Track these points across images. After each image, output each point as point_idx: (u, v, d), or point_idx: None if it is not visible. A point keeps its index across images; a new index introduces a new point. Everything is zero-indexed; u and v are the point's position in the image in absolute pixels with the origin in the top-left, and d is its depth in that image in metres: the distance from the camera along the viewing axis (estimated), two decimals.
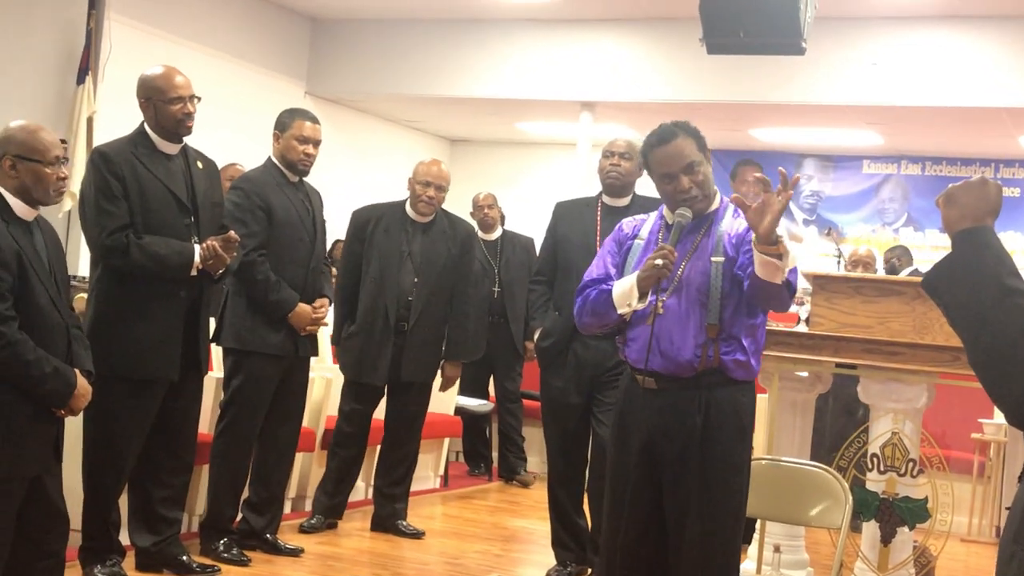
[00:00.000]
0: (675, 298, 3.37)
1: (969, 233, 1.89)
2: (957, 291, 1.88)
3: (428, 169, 5.77)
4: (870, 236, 12.24)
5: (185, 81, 4.50)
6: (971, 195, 1.93)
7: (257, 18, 10.75)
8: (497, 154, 13.80)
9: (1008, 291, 1.83)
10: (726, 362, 3.36)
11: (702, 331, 3.34)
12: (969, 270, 1.87)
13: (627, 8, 9.96)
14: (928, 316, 4.52)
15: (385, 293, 5.65)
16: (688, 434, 3.35)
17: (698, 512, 3.34)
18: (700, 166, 3.41)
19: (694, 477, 3.34)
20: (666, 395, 3.38)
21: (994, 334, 1.82)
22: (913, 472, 4.61)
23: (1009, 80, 9.27)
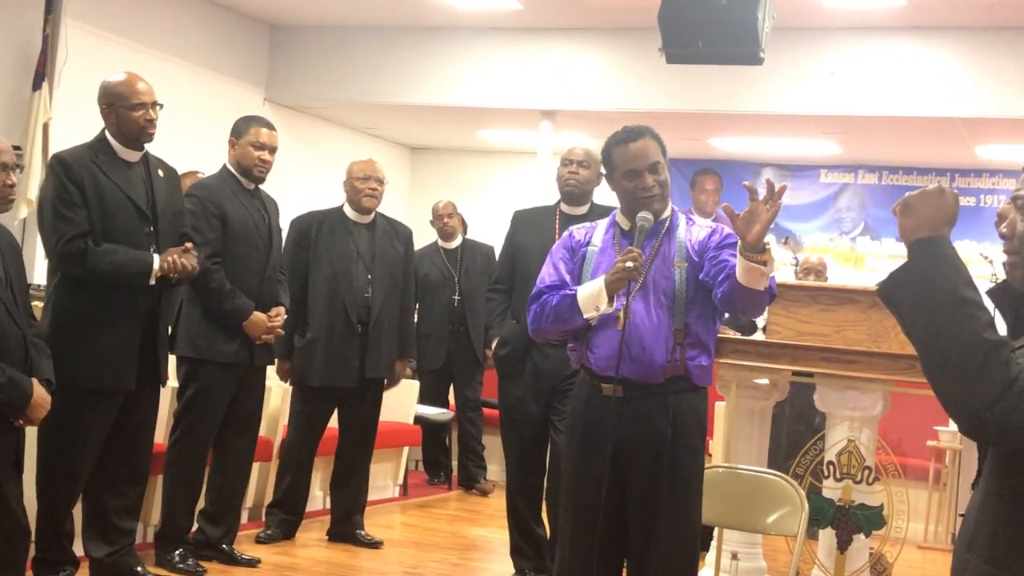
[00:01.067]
0: (640, 304, 3.37)
1: (925, 242, 1.90)
2: (912, 300, 1.89)
3: (363, 165, 5.84)
4: (827, 245, 12.33)
5: (148, 88, 4.47)
6: (928, 204, 1.94)
7: (215, 24, 10.69)
8: (457, 162, 13.78)
9: (963, 301, 1.84)
10: (691, 368, 3.38)
11: (671, 336, 3.35)
12: (925, 280, 1.88)
13: (588, 17, 9.99)
14: (884, 324, 4.56)
15: (342, 293, 5.64)
16: (661, 442, 3.35)
17: (666, 521, 3.34)
18: (663, 168, 3.45)
19: (662, 487, 3.34)
20: (634, 403, 3.37)
21: (948, 344, 1.83)
22: (869, 479, 4.64)
23: (966, 91, 9.37)
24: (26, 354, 3.67)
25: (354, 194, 5.79)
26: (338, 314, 5.65)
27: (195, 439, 5.00)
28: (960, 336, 1.82)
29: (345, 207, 5.84)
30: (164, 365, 4.60)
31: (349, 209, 5.82)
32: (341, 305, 5.66)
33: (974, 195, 12.04)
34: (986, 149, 10.94)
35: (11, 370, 3.49)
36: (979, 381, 1.79)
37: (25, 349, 3.66)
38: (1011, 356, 1.81)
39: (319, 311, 5.65)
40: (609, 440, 3.35)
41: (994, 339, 1.81)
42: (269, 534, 5.72)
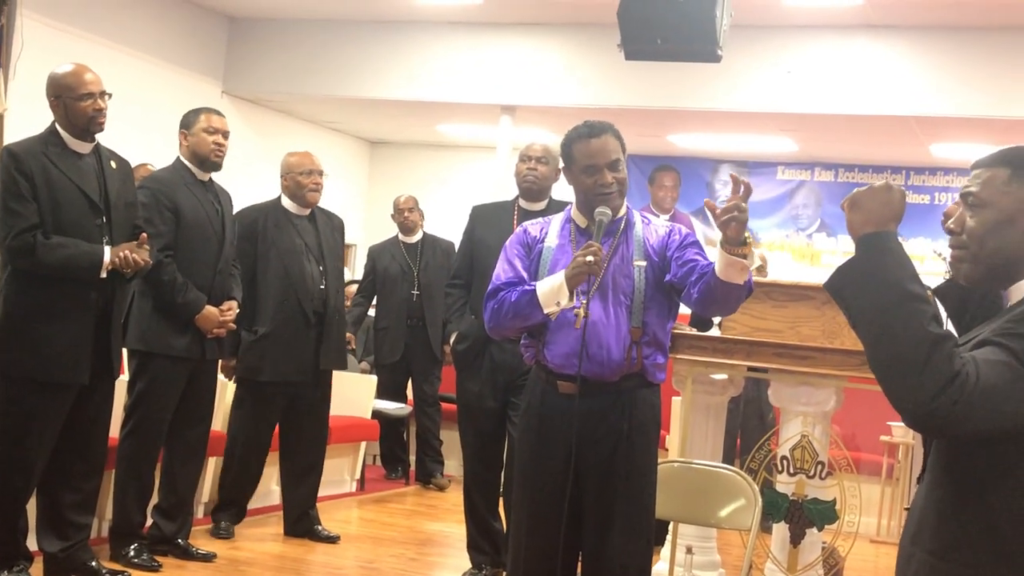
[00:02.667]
0: (598, 303, 3.38)
1: (872, 237, 1.94)
2: (859, 295, 1.92)
3: (303, 159, 5.85)
4: (784, 241, 12.43)
5: (95, 78, 4.43)
6: (875, 200, 1.97)
7: (173, 16, 10.61)
8: (417, 156, 13.77)
9: (908, 296, 1.87)
10: (647, 366, 3.40)
11: (628, 335, 3.37)
12: (871, 274, 1.91)
13: (547, 13, 10.00)
14: (837, 320, 4.60)
15: (295, 286, 5.63)
16: (615, 440, 3.37)
17: (621, 516, 3.36)
18: (622, 166, 3.45)
19: (618, 482, 3.37)
20: (590, 401, 3.37)
21: (894, 338, 1.86)
22: (822, 474, 4.69)
23: (921, 89, 9.47)
24: None
25: (297, 188, 5.79)
26: (291, 308, 5.65)
27: (146, 433, 4.97)
28: (905, 330, 1.85)
29: (284, 200, 5.83)
30: (118, 358, 4.57)
31: (289, 203, 5.83)
32: (295, 299, 5.65)
33: (928, 193, 12.17)
34: (940, 148, 11.07)
35: None
36: (923, 374, 1.83)
37: None
38: (954, 350, 1.85)
39: (271, 306, 5.63)
40: (563, 437, 3.37)
41: (938, 333, 1.85)
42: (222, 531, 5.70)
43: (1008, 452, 1.91)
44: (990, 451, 1.92)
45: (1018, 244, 2.00)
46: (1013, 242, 2.00)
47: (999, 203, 2.01)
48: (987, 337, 1.93)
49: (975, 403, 1.82)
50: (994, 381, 1.84)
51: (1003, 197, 2.01)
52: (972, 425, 1.84)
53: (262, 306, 5.63)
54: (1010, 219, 2.00)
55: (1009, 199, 2.00)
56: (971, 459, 1.95)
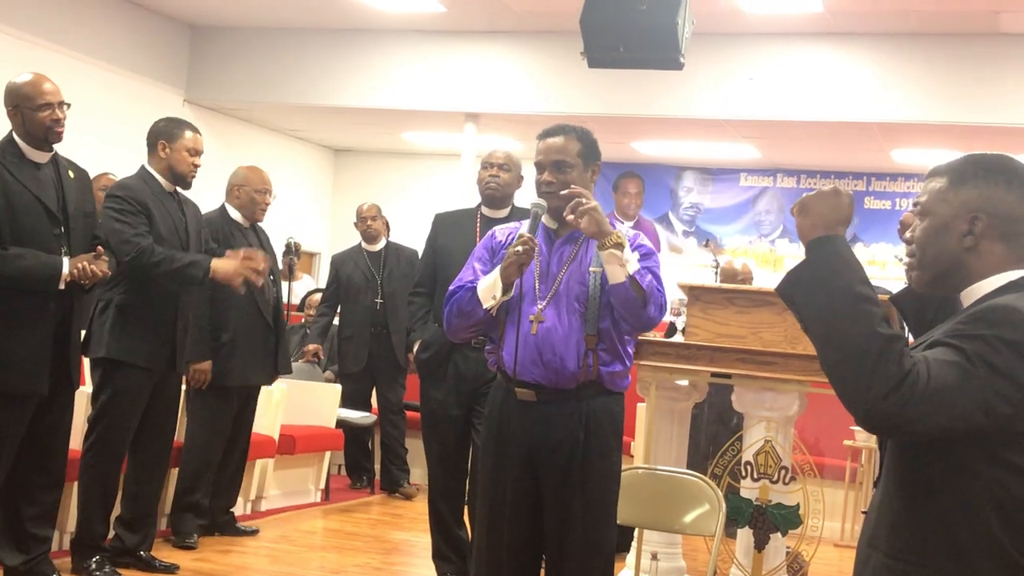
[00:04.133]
0: (553, 308, 3.38)
1: (821, 242, 1.97)
2: (810, 298, 1.96)
3: (260, 177, 5.97)
4: (747, 247, 12.50)
5: (54, 88, 4.40)
6: (824, 205, 2.01)
7: (134, 24, 10.55)
8: (381, 164, 13.75)
9: (858, 297, 1.90)
10: (603, 374, 3.40)
11: (582, 342, 3.36)
12: (821, 278, 1.95)
13: (511, 21, 10.02)
14: (798, 326, 4.62)
15: (255, 293, 5.66)
16: (572, 446, 3.37)
17: (581, 523, 3.37)
18: (571, 169, 3.42)
19: (576, 489, 3.37)
20: (546, 408, 3.38)
21: (844, 338, 1.89)
22: (785, 479, 4.71)
23: (881, 96, 9.55)
24: None
25: (251, 204, 5.93)
26: (252, 314, 5.79)
27: (110, 444, 4.92)
28: (855, 330, 1.88)
29: (231, 211, 5.93)
30: (76, 369, 4.53)
31: (236, 214, 5.92)
32: (254, 305, 5.77)
33: (890, 198, 12.27)
34: (901, 153, 11.16)
35: None
36: (874, 373, 1.86)
37: None
38: (904, 350, 1.88)
39: (234, 312, 5.72)
40: (521, 443, 3.39)
41: (887, 333, 1.88)
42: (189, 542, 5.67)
43: (959, 452, 1.93)
44: (942, 451, 1.94)
45: (955, 250, 2.05)
46: (950, 248, 2.05)
47: (938, 211, 2.07)
48: (938, 338, 1.96)
49: (926, 402, 1.85)
50: (945, 381, 1.87)
51: (941, 205, 2.07)
52: (923, 425, 1.87)
53: (227, 312, 5.70)
54: (946, 226, 2.06)
55: (946, 206, 2.06)
56: (924, 460, 1.98)
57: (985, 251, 2.04)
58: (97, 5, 10.10)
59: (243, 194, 5.90)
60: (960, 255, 2.05)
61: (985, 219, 2.03)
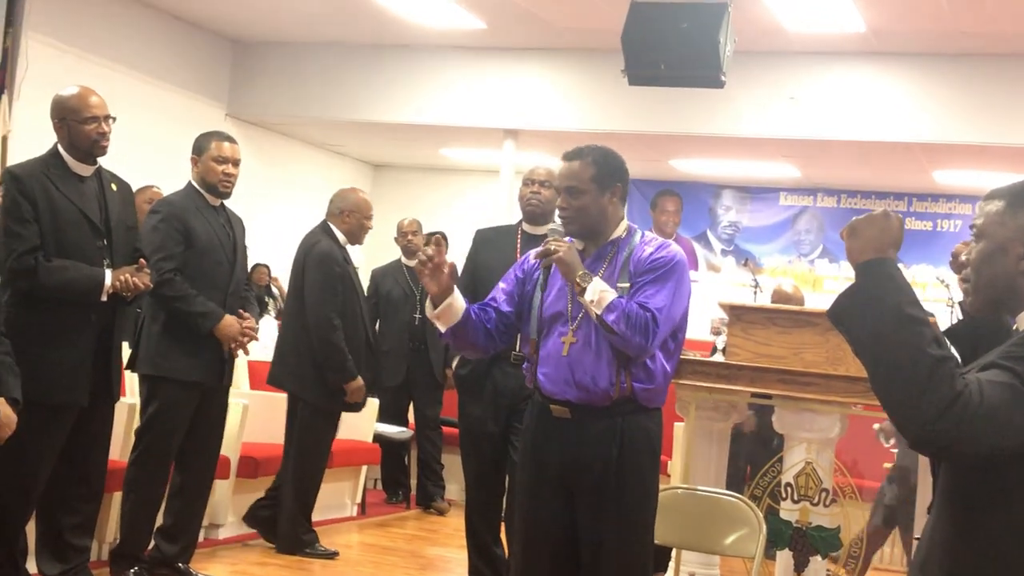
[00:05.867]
0: (584, 328, 3.38)
1: (871, 264, 1.97)
2: (860, 321, 1.95)
3: (369, 204, 5.98)
4: (786, 267, 12.43)
5: (100, 101, 4.43)
6: (874, 228, 2.01)
7: (178, 39, 10.65)
8: (420, 180, 13.80)
9: (908, 319, 1.90)
10: (637, 390, 3.38)
11: (613, 360, 3.35)
12: (871, 299, 1.94)
13: (551, 38, 10.04)
14: (842, 347, 4.59)
15: (361, 316, 5.94)
16: (605, 464, 3.36)
17: (615, 541, 3.35)
18: (582, 195, 3.42)
19: (611, 506, 3.35)
20: (581, 425, 3.38)
21: (895, 360, 1.89)
22: (826, 501, 4.67)
23: (923, 116, 9.49)
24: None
25: (358, 230, 6.10)
26: (363, 337, 6.08)
27: (155, 457, 4.94)
28: (905, 351, 1.87)
29: (338, 234, 6.07)
30: (117, 381, 4.55)
31: (341, 236, 6.07)
32: (364, 328, 6.11)
33: (931, 219, 12.18)
34: (943, 174, 11.08)
35: None
36: (925, 395, 1.84)
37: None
38: (955, 370, 1.87)
39: (356, 340, 6.00)
40: (556, 460, 3.39)
41: (939, 354, 1.87)
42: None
43: (1010, 474, 1.92)
44: (993, 475, 1.94)
45: (1011, 272, 2.05)
46: (1006, 271, 2.05)
47: (994, 234, 2.06)
48: (991, 360, 1.95)
49: (978, 424, 1.84)
50: (997, 402, 1.86)
51: (998, 228, 2.06)
52: (975, 445, 1.86)
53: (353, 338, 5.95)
54: (1002, 248, 2.05)
55: (1002, 229, 2.06)
56: (975, 484, 1.97)
57: None
58: (142, 20, 10.21)
59: (353, 220, 6.05)
60: (1016, 278, 2.04)
61: None
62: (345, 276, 5.94)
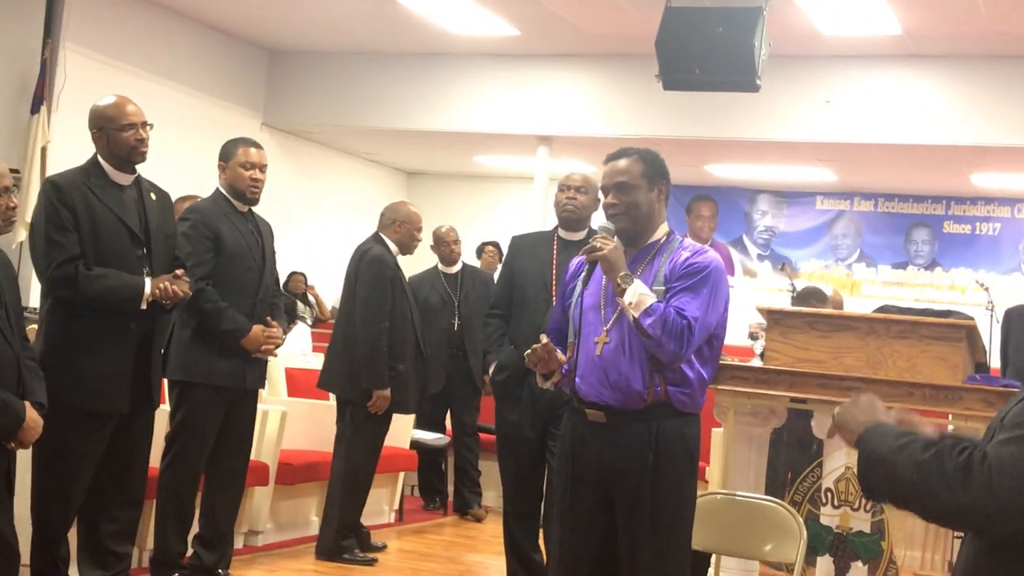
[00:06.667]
0: (618, 330, 3.37)
1: (864, 437, 2.04)
2: (879, 480, 2.01)
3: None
4: (823, 272, 12.35)
5: (137, 109, 4.47)
6: (853, 414, 2.10)
7: (213, 49, 10.72)
8: (454, 187, 13.82)
9: (897, 449, 1.96)
10: (672, 394, 3.36)
11: (646, 363, 3.34)
12: (876, 461, 2.00)
13: (584, 44, 10.03)
14: (881, 351, 4.56)
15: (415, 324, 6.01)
16: (641, 469, 3.35)
17: (651, 546, 3.34)
18: (634, 190, 3.44)
19: (647, 511, 3.34)
20: (617, 430, 3.37)
21: (908, 481, 1.93)
22: (867, 507, 4.63)
23: (960, 119, 9.41)
24: (19, 376, 3.66)
25: (409, 240, 6.14)
26: (415, 345, 6.14)
27: (187, 463, 4.96)
28: (908, 470, 1.93)
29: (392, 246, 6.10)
30: (157, 388, 4.58)
31: (393, 246, 6.12)
32: (415, 336, 6.15)
33: (969, 223, 12.07)
34: (981, 177, 10.98)
35: (4, 393, 3.48)
36: (942, 483, 1.88)
37: (18, 371, 3.65)
38: (957, 445, 1.90)
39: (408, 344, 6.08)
40: (593, 465, 3.38)
41: (928, 455, 1.91)
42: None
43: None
44: None
45: None
46: None
47: None
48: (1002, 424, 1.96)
49: (1006, 480, 1.85)
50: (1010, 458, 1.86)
51: None
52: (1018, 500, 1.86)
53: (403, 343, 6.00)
54: None
55: None
56: None
57: None
58: (178, 31, 10.28)
59: (404, 231, 6.10)
60: None
61: None
62: (396, 282, 6.01)
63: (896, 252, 12.33)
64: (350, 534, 6.01)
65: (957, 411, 4.44)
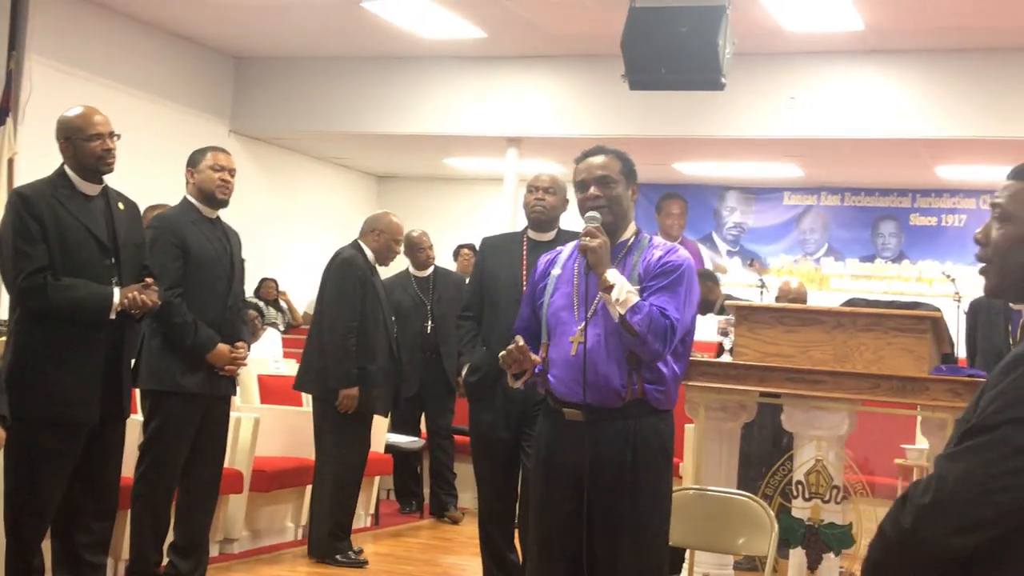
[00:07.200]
0: (594, 328, 3.39)
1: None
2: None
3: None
4: (792, 267, 12.44)
5: (104, 119, 4.47)
6: None
7: (179, 57, 10.70)
8: (425, 190, 13.83)
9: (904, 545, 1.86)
10: (648, 391, 3.39)
11: (624, 361, 3.37)
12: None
13: (552, 46, 10.07)
14: (848, 345, 4.61)
15: (388, 328, 6.02)
16: (620, 465, 3.37)
17: (631, 543, 3.37)
18: (615, 184, 3.47)
19: (627, 507, 3.37)
20: (594, 428, 3.38)
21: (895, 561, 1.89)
22: (837, 498, 4.67)
23: (925, 113, 9.50)
24: None
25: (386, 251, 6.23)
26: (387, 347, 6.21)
27: (161, 472, 4.96)
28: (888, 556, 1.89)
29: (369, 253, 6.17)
30: (128, 398, 4.57)
31: (370, 255, 6.18)
32: (388, 339, 6.21)
33: (935, 215, 12.19)
34: (946, 169, 11.09)
35: None
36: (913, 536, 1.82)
37: None
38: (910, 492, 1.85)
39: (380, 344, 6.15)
40: (570, 464, 3.39)
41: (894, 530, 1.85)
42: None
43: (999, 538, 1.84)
44: None
45: None
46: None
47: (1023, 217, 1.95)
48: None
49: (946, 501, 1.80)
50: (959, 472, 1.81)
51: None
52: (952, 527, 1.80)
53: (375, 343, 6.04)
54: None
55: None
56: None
57: None
58: (144, 40, 10.25)
59: (382, 240, 6.17)
60: None
61: None
62: (368, 284, 6.05)
63: (863, 245, 12.44)
64: (343, 534, 6.02)
65: (924, 402, 4.49)
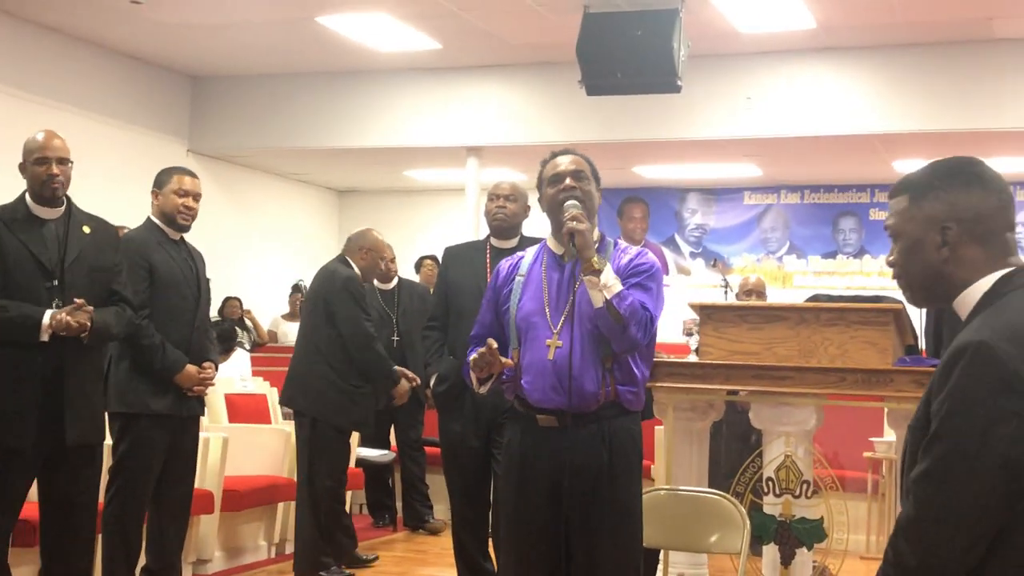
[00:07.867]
0: (568, 333, 3.39)
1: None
2: None
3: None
4: (755, 266, 12.51)
5: (57, 144, 4.42)
6: None
7: (135, 78, 10.64)
8: (387, 203, 13.81)
9: None
10: (621, 393, 3.41)
11: (599, 364, 3.38)
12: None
13: (508, 54, 10.09)
14: (812, 340, 4.64)
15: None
16: (597, 469, 3.38)
17: (609, 545, 3.37)
18: (588, 181, 3.49)
19: (605, 508, 3.37)
20: (569, 432, 3.37)
21: None
22: (808, 493, 4.70)
23: (879, 108, 9.59)
24: None
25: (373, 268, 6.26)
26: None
27: (132, 494, 4.91)
28: None
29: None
30: (73, 424, 4.39)
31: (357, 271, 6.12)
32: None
33: None
34: (903, 164, 11.18)
35: None
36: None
37: None
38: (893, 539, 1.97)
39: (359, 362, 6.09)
40: (545, 470, 3.39)
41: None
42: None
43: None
44: None
45: (933, 263, 2.06)
46: (929, 262, 2.06)
47: (907, 230, 2.09)
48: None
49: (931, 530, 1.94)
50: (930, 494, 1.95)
51: (908, 224, 2.09)
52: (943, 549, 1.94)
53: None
54: (919, 242, 2.07)
55: (913, 224, 2.08)
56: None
57: (964, 258, 2.04)
58: (99, 61, 10.19)
59: (370, 257, 6.17)
60: (940, 267, 2.06)
61: (955, 227, 2.03)
62: (366, 301, 6.13)
63: (825, 242, 12.53)
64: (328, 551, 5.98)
65: (889, 393, 4.54)
